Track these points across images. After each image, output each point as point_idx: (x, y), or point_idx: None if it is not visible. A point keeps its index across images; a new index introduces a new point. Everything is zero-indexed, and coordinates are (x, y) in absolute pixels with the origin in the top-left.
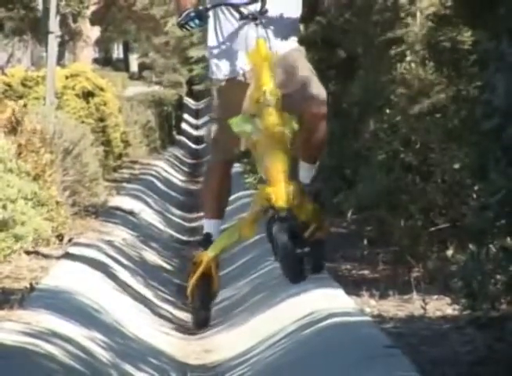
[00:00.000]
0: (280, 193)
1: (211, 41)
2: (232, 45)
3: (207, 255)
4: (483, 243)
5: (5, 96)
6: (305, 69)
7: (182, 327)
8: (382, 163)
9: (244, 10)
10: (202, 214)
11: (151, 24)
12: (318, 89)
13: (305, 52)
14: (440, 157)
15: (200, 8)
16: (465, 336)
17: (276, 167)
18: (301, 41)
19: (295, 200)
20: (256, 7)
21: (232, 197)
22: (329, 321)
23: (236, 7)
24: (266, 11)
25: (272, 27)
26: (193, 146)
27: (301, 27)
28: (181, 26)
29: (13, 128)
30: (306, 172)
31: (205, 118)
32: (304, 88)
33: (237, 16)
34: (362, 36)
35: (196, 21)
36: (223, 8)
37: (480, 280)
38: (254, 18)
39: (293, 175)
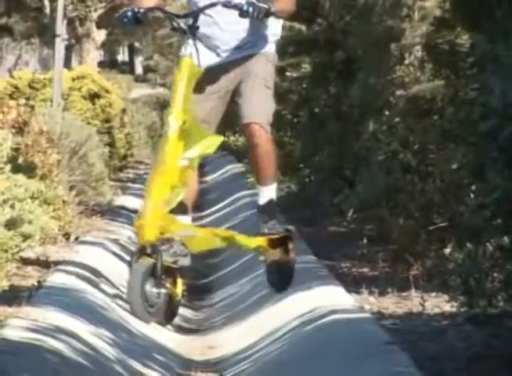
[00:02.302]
0: (146, 227)
1: None
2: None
3: None
4: (480, 241)
5: (12, 98)
6: (257, 84)
7: (185, 324)
8: (381, 163)
9: (179, 23)
10: (204, 213)
11: (156, 26)
12: (260, 109)
13: (275, 61)
14: (438, 157)
15: (141, 10)
16: (463, 332)
17: (151, 199)
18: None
19: (165, 234)
20: (188, 21)
21: (233, 197)
22: (329, 318)
23: (170, 18)
24: (197, 27)
25: (229, 37)
26: None
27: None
28: (117, 19)
29: (20, 129)
30: (261, 195)
31: None
32: (247, 105)
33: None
34: (362, 38)
35: (131, 20)
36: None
37: (477, 278)
38: (183, 32)
39: (183, 209)
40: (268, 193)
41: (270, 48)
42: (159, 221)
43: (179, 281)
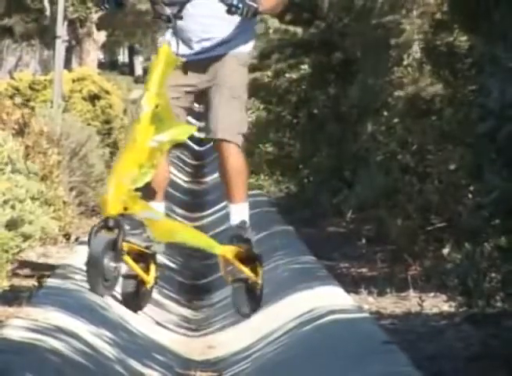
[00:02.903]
0: (109, 200)
1: None
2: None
3: None
4: (478, 242)
5: (12, 99)
6: (225, 95)
7: (185, 324)
8: (380, 164)
9: (161, 9)
10: (204, 213)
11: (155, 28)
12: (227, 124)
13: (246, 66)
14: (436, 158)
15: None
16: (461, 332)
17: (116, 173)
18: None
19: (129, 211)
20: (173, 10)
21: None
22: (328, 318)
23: (155, 3)
24: (181, 17)
25: (203, 30)
26: (196, 147)
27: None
28: (97, 3)
29: (21, 130)
30: (231, 213)
31: None
32: (215, 120)
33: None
34: (360, 40)
35: (112, 4)
36: None
37: (475, 278)
38: (167, 20)
39: (150, 194)
40: (239, 212)
41: (244, 48)
42: (123, 196)
43: (153, 268)
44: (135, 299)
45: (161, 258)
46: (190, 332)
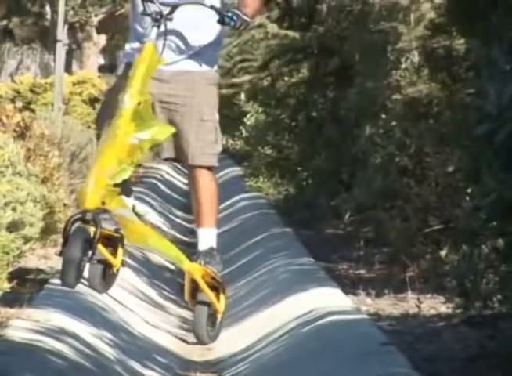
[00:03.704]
0: (88, 194)
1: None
2: (138, 32)
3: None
4: (475, 243)
5: (13, 102)
6: (195, 120)
7: (185, 325)
8: (378, 166)
9: (151, 6)
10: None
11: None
12: (199, 149)
13: (217, 80)
14: (434, 160)
15: None
16: (458, 334)
17: (96, 167)
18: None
19: (106, 205)
20: (165, 9)
21: (231, 200)
22: (327, 319)
23: (146, 0)
24: (171, 19)
25: (177, 38)
26: None
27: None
28: None
29: (22, 133)
30: (200, 238)
31: None
32: (186, 146)
33: (141, 7)
34: (358, 44)
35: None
36: None
37: (472, 280)
38: (155, 19)
39: (128, 191)
40: (207, 237)
41: (212, 65)
42: (101, 190)
43: (120, 251)
44: (101, 282)
45: (161, 261)
46: (190, 333)
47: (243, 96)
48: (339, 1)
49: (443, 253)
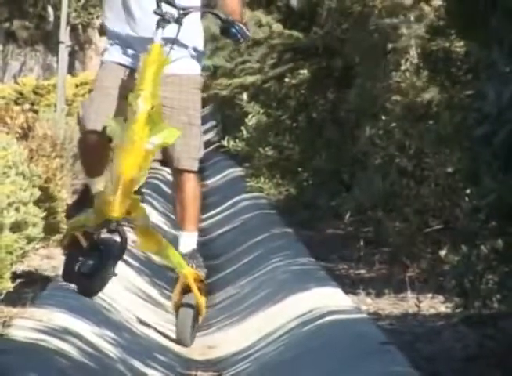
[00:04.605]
0: (115, 203)
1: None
2: (133, 32)
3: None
4: (475, 244)
5: (17, 104)
6: (182, 124)
7: None
8: (378, 167)
9: (163, 7)
10: (205, 216)
11: None
12: (186, 153)
13: (202, 82)
14: (434, 161)
15: None
16: (458, 333)
17: (119, 175)
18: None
19: (131, 214)
20: (175, 12)
21: (233, 200)
22: (327, 318)
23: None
24: (181, 23)
25: (180, 39)
26: None
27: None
28: None
29: (25, 134)
30: (182, 241)
31: (209, 124)
32: (173, 150)
33: (152, 7)
34: (358, 45)
35: None
36: None
37: (472, 280)
38: (165, 20)
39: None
40: (189, 240)
41: (198, 68)
42: (127, 199)
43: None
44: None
45: (163, 261)
46: None
47: (245, 97)
48: (339, 3)
49: (443, 253)
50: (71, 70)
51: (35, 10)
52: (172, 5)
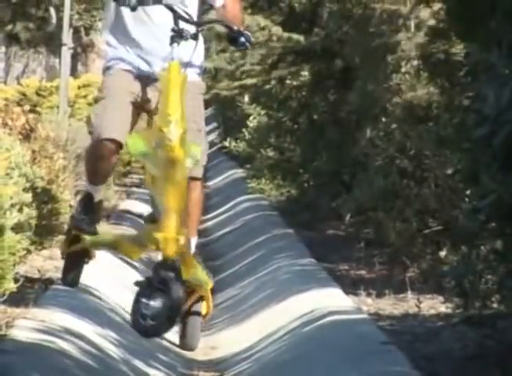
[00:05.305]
0: (170, 242)
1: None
2: (141, 42)
3: (86, 240)
4: (474, 244)
5: (19, 105)
6: (190, 130)
7: None
8: (378, 168)
9: (180, 24)
10: (206, 217)
11: None
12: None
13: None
14: (433, 162)
15: None
16: (457, 333)
17: (171, 212)
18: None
19: (183, 253)
20: (191, 28)
21: (234, 202)
22: (328, 319)
23: (176, 15)
24: (197, 39)
25: (189, 53)
26: None
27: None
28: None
29: (28, 135)
30: None
31: (211, 125)
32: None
33: (168, 24)
34: (359, 48)
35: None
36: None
37: (471, 280)
38: (183, 36)
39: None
40: (192, 246)
41: (199, 74)
42: (182, 237)
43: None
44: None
45: None
46: None
47: (246, 98)
48: (340, 5)
49: (442, 254)
50: (74, 72)
51: (38, 12)
52: (190, 22)
